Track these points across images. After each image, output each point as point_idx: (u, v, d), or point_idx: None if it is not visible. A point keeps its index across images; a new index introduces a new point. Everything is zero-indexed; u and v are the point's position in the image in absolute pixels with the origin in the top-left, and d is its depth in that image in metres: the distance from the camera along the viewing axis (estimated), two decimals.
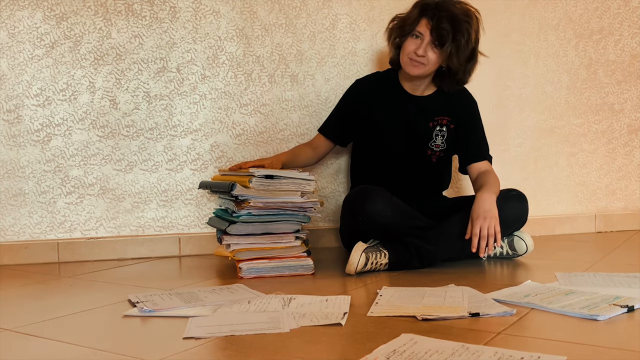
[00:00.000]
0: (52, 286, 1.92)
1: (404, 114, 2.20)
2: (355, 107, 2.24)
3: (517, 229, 2.15)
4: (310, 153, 2.33)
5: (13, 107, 2.25)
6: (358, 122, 2.25)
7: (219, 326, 1.40)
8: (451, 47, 2.04)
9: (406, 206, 2.08)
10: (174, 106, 2.38)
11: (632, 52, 2.78)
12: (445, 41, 2.03)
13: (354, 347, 1.26)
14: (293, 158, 2.29)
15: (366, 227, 2.02)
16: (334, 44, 2.50)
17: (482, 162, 2.23)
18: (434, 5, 2.07)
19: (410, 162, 2.21)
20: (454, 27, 2.03)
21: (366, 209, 1.99)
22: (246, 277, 1.93)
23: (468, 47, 2.07)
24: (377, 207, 1.99)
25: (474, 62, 2.13)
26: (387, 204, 2.01)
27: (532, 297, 1.60)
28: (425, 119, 2.20)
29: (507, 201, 2.08)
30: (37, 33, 2.25)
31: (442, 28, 2.02)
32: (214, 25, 2.39)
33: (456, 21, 2.03)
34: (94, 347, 1.30)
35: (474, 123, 2.25)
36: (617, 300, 1.53)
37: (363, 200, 2.01)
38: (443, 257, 2.06)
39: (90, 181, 2.32)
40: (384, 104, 2.21)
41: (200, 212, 2.41)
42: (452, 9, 2.05)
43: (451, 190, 2.38)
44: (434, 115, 2.20)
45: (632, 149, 2.82)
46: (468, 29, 2.05)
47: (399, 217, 2.02)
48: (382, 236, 2.03)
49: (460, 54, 2.06)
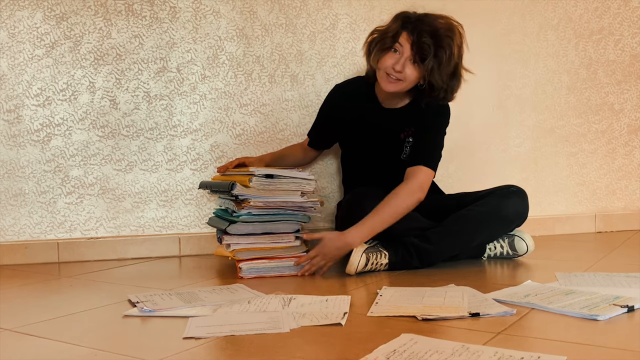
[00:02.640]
0: (52, 286, 1.92)
1: (375, 125, 2.15)
2: (331, 113, 2.21)
3: (518, 226, 2.14)
4: (300, 154, 2.34)
5: (13, 107, 2.25)
6: (335, 127, 2.23)
7: (219, 326, 1.40)
8: (433, 63, 1.94)
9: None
10: (174, 106, 2.38)
11: (632, 52, 2.78)
12: (426, 56, 1.94)
13: (354, 347, 1.26)
14: (280, 159, 2.29)
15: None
16: (334, 44, 2.50)
17: (416, 166, 2.04)
18: (415, 18, 1.98)
19: (387, 167, 2.16)
20: (435, 42, 1.93)
21: (365, 211, 1.98)
22: (246, 277, 1.93)
23: (450, 63, 1.97)
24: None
25: (457, 79, 2.03)
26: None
27: (532, 297, 1.60)
28: (396, 130, 2.14)
29: (508, 198, 2.07)
30: (37, 33, 2.25)
31: (423, 42, 1.93)
32: (214, 25, 2.39)
33: (438, 35, 1.94)
34: (94, 347, 1.30)
35: (427, 125, 2.11)
36: (617, 300, 1.53)
37: (361, 203, 2.01)
38: (443, 257, 2.06)
39: (90, 181, 2.32)
40: (357, 114, 2.17)
41: (200, 212, 2.41)
42: (434, 23, 1.96)
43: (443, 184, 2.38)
44: (404, 126, 2.13)
45: (632, 149, 2.82)
46: (450, 44, 1.95)
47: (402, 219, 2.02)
48: (382, 237, 2.02)
49: (442, 70, 1.95)
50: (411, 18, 1.99)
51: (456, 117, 2.22)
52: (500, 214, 2.05)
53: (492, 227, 2.09)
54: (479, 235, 2.08)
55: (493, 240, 2.14)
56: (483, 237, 2.11)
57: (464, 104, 2.35)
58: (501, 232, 2.13)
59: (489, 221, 2.06)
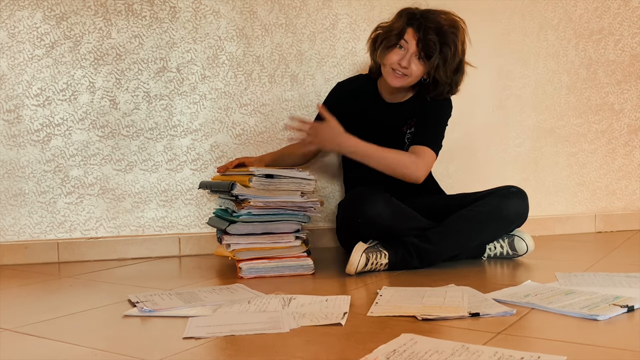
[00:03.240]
0: (52, 286, 1.92)
1: (378, 121, 2.18)
2: (334, 110, 2.22)
3: (518, 226, 2.15)
4: (300, 153, 2.33)
5: (13, 107, 2.25)
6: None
7: (219, 326, 1.40)
8: (438, 60, 2.00)
9: (405, 207, 2.06)
10: (174, 106, 2.38)
11: (632, 52, 2.78)
12: (432, 53, 1.99)
13: (354, 347, 1.26)
14: (280, 159, 2.29)
15: (365, 230, 2.01)
16: (334, 44, 2.50)
17: (420, 146, 2.08)
18: (419, 15, 2.02)
19: None
20: (440, 39, 1.98)
21: (365, 211, 1.98)
22: (246, 277, 1.93)
23: (455, 59, 2.02)
24: (376, 210, 1.98)
25: (461, 73, 2.08)
26: (386, 206, 2.00)
27: (532, 297, 1.60)
28: (398, 124, 2.17)
29: (508, 198, 2.07)
30: (37, 33, 2.25)
31: (428, 40, 1.98)
32: (214, 25, 2.39)
33: (443, 32, 1.99)
34: (94, 347, 1.30)
35: (428, 114, 2.14)
36: (617, 300, 1.53)
37: (362, 203, 2.01)
38: (443, 257, 2.06)
39: (90, 181, 2.32)
40: (360, 110, 2.19)
41: (200, 212, 2.41)
42: (438, 19, 2.00)
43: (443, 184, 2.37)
44: (407, 119, 2.17)
45: (632, 149, 2.82)
46: (455, 40, 2.00)
47: (398, 218, 2.02)
48: (382, 237, 2.02)
49: (448, 66, 2.02)
50: (416, 15, 2.03)
51: (456, 117, 2.22)
52: (500, 214, 2.05)
53: (492, 227, 2.09)
54: (479, 235, 2.08)
55: (493, 240, 2.14)
56: (483, 237, 2.11)
57: (464, 104, 2.35)
58: (501, 233, 2.13)
59: (489, 221, 2.06)
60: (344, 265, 1.96)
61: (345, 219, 2.09)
